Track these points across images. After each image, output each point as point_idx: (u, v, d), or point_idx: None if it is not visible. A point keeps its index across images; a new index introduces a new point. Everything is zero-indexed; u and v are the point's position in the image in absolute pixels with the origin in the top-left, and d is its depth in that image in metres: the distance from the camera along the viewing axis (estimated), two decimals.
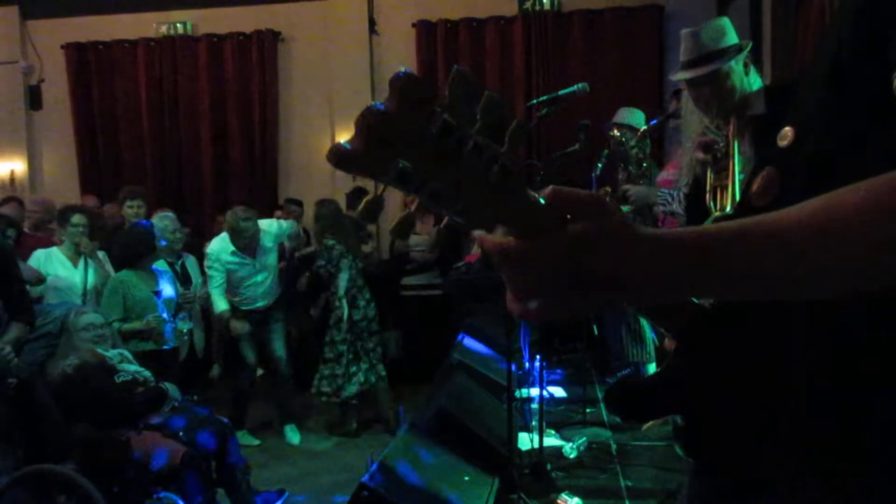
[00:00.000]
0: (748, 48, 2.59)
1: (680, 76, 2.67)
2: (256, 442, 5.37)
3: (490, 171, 0.62)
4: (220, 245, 5.28)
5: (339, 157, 0.60)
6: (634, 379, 0.96)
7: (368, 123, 0.59)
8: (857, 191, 0.64)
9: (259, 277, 5.35)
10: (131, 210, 5.78)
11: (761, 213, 0.69)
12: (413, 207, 0.66)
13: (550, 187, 0.65)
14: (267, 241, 5.39)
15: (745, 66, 2.57)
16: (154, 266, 4.75)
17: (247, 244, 5.24)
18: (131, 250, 4.61)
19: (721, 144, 2.49)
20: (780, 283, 0.66)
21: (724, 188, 2.44)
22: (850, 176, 0.66)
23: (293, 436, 5.43)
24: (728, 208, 2.42)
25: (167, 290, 4.74)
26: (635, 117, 5.03)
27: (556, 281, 0.64)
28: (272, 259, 5.46)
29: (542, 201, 0.65)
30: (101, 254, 5.07)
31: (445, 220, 0.65)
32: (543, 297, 0.66)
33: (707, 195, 2.53)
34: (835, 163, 0.64)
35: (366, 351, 5.37)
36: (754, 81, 2.60)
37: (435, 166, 0.60)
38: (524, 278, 0.66)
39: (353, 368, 5.31)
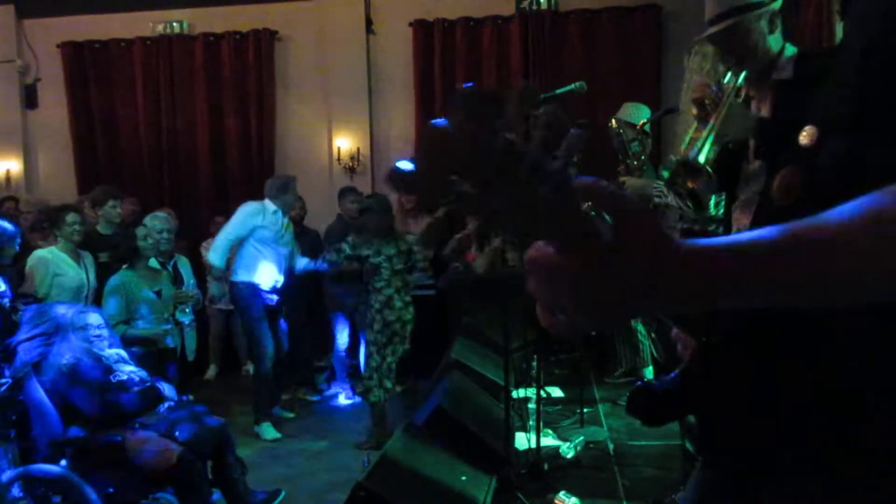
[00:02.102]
0: (774, 5, 2.40)
1: (703, 35, 2.57)
2: (278, 435, 5.41)
3: (544, 187, 0.60)
4: (256, 204, 5.54)
5: (400, 181, 0.58)
6: (655, 384, 0.95)
7: (432, 142, 0.57)
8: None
9: (283, 250, 5.57)
10: (114, 210, 5.66)
11: (783, 212, 0.67)
12: (472, 228, 0.64)
13: (583, 182, 0.65)
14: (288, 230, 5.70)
15: (772, 25, 2.39)
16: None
17: (288, 207, 5.62)
18: (117, 255, 4.71)
19: (710, 99, 2.42)
20: (823, 292, 0.65)
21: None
22: (879, 177, 0.65)
23: (270, 432, 5.46)
24: (696, 156, 2.35)
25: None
26: (640, 112, 5.01)
27: (595, 291, 0.64)
28: (288, 246, 5.68)
29: (590, 213, 0.64)
30: (87, 255, 5.03)
31: (498, 241, 0.64)
32: (583, 309, 0.65)
33: (684, 147, 2.49)
34: (862, 164, 0.63)
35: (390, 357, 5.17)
36: (788, 47, 2.44)
37: (495, 185, 0.59)
38: (564, 290, 0.65)
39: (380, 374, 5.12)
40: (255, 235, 5.41)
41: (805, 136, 0.88)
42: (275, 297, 5.44)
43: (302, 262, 5.87)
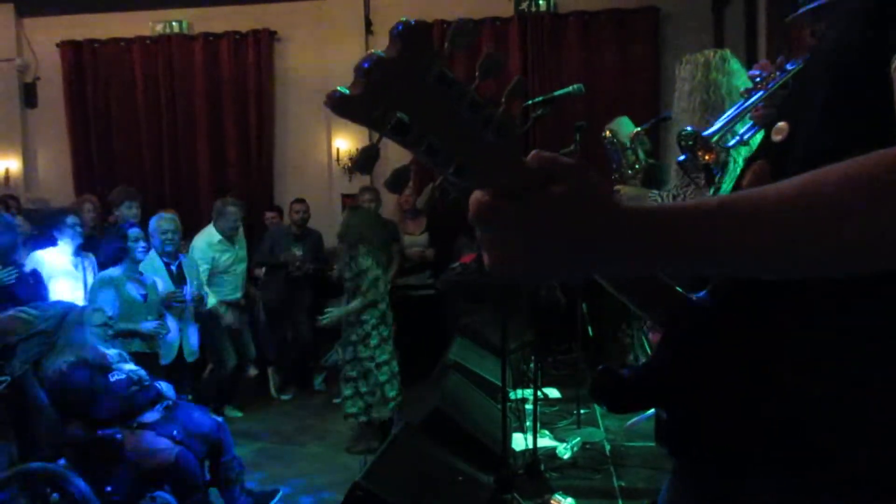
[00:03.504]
0: None
1: (790, 18, 2.49)
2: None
3: (486, 129, 0.61)
4: (205, 237, 5.95)
5: (336, 102, 0.59)
6: (620, 369, 0.94)
7: (368, 68, 0.58)
8: (841, 167, 0.64)
9: (239, 267, 6.01)
10: (130, 212, 5.76)
11: None
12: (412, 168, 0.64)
13: (535, 151, 0.66)
14: (240, 242, 6.12)
15: None
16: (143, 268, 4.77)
17: (231, 229, 5.92)
18: (106, 257, 4.67)
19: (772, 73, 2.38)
20: (755, 258, 0.66)
21: None
22: None
23: (234, 413, 5.97)
24: (712, 132, 2.34)
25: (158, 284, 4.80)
26: (622, 125, 5.04)
27: (536, 240, 0.65)
28: (243, 254, 6.12)
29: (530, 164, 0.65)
30: (90, 257, 5.03)
31: (439, 179, 0.64)
32: (515, 257, 0.66)
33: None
34: (827, 158, 0.64)
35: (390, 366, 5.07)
36: None
37: (432, 118, 0.59)
38: (506, 237, 0.66)
39: (389, 389, 4.97)
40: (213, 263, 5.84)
41: (777, 132, 0.89)
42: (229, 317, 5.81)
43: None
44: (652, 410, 0.93)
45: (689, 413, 0.86)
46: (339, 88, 0.59)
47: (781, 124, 0.89)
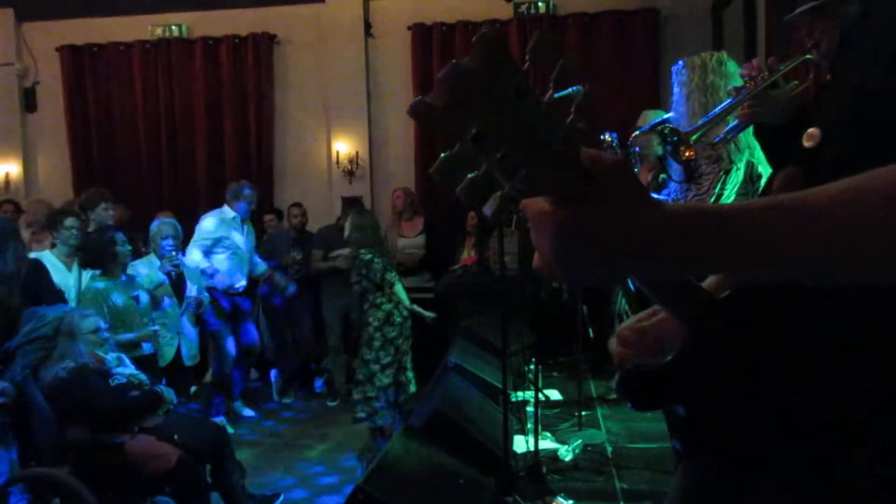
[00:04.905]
0: None
1: (789, 16, 2.47)
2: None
3: (555, 139, 0.63)
4: (217, 213, 5.94)
5: (420, 111, 0.61)
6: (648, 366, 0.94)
7: (452, 79, 0.59)
8: (889, 171, 0.63)
9: (245, 256, 5.89)
10: (106, 213, 5.66)
11: None
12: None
13: (581, 150, 0.67)
14: (251, 234, 6.05)
15: None
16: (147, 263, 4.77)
17: (244, 211, 5.89)
18: (93, 257, 4.54)
19: (753, 77, 2.37)
20: (805, 261, 0.65)
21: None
22: None
23: (245, 410, 6.02)
24: (691, 130, 2.36)
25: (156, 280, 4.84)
26: (658, 117, 5.02)
27: (586, 245, 0.66)
28: (249, 247, 6.02)
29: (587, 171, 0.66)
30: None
31: (506, 188, 0.65)
32: (558, 260, 0.67)
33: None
34: (862, 165, 0.64)
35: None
36: None
37: (508, 129, 0.61)
38: (544, 239, 0.67)
39: (391, 393, 5.01)
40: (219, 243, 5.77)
41: (808, 138, 0.89)
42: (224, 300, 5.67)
43: (261, 268, 6.17)
44: None
45: (703, 410, 0.87)
46: (422, 98, 0.60)
47: (813, 130, 0.89)
